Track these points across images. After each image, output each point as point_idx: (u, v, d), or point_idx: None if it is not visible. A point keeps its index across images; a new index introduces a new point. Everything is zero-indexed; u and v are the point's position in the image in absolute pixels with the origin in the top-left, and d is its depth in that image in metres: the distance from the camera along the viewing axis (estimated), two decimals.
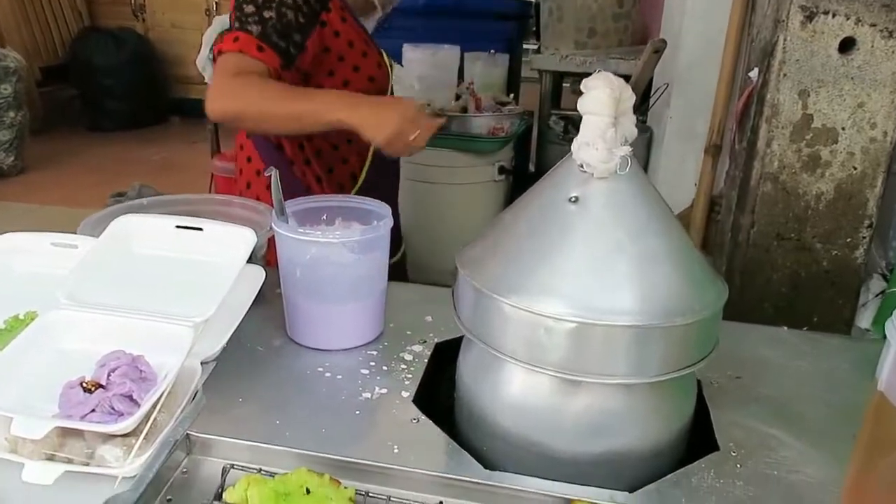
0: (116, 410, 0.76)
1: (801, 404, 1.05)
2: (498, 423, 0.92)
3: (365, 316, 1.14)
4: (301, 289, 1.07)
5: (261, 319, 1.21)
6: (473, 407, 0.95)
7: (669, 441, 0.92)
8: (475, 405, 0.95)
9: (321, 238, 1.03)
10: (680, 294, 0.84)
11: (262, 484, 0.66)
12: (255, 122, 1.33)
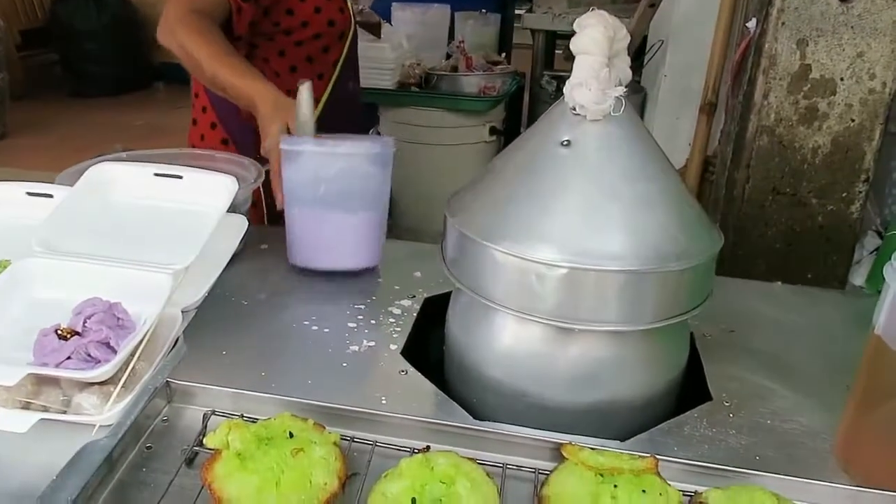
0: (93, 357, 0.73)
1: (794, 356, 1.04)
2: (488, 374, 0.90)
3: (377, 230, 1.18)
4: (324, 204, 1.10)
5: (245, 274, 1.19)
6: (463, 359, 0.93)
7: (662, 391, 0.91)
8: (465, 357, 0.93)
9: (352, 150, 1.08)
10: (674, 239, 0.82)
11: (244, 429, 0.64)
12: (189, 69, 1.32)
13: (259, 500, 0.60)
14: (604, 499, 0.62)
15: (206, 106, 1.58)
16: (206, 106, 1.58)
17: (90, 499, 0.64)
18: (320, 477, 0.62)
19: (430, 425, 0.72)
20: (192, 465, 0.69)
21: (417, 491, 0.61)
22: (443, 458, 0.64)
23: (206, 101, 1.58)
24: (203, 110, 1.59)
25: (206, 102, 1.58)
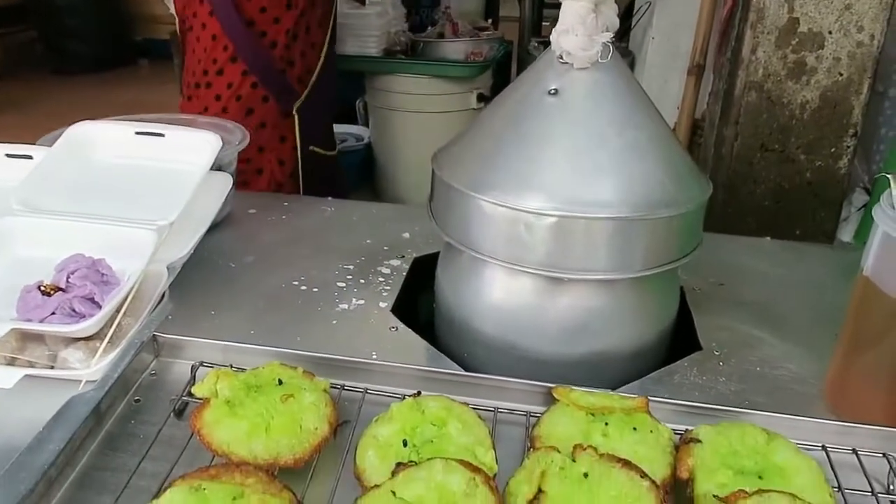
0: (78, 312, 0.72)
1: (783, 307, 1.05)
2: (478, 328, 0.90)
3: None
4: None
5: (233, 238, 1.18)
6: (453, 314, 0.93)
7: (652, 342, 0.91)
8: (455, 312, 0.93)
9: None
10: (663, 186, 0.81)
11: (232, 377, 0.64)
12: None
13: (248, 446, 0.59)
14: (595, 436, 0.62)
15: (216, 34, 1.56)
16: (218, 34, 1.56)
17: (78, 450, 0.63)
18: (311, 422, 0.62)
19: (421, 373, 0.72)
20: (181, 416, 0.69)
21: (408, 433, 0.61)
22: (434, 401, 0.64)
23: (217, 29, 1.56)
24: (213, 38, 1.56)
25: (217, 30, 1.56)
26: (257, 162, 1.60)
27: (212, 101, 1.56)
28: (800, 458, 0.60)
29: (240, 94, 1.54)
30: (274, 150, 1.61)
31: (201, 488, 0.54)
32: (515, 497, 0.57)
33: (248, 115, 1.56)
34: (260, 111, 1.57)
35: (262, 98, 1.57)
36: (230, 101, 1.55)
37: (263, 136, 1.59)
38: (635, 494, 0.55)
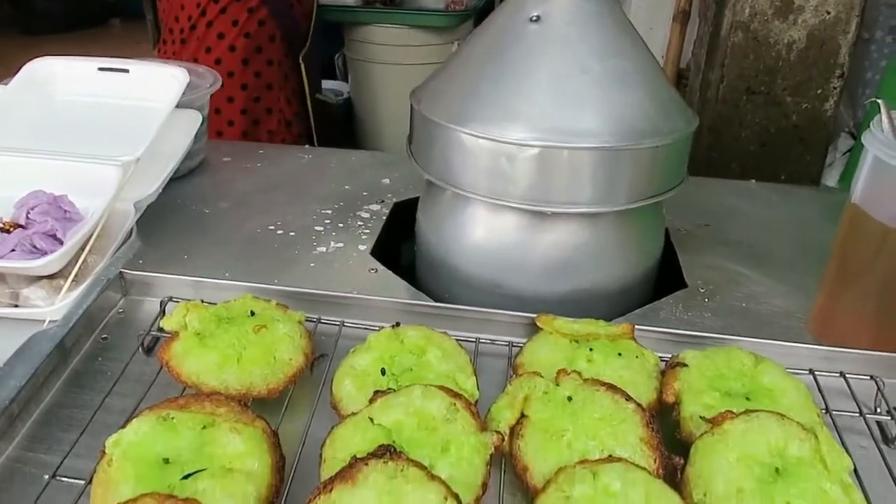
0: (39, 249, 0.69)
1: (769, 246, 1.03)
2: (461, 268, 0.87)
3: None
4: None
5: (206, 185, 1.14)
6: (434, 255, 0.91)
7: (637, 280, 0.89)
8: (436, 253, 0.90)
9: None
10: (648, 116, 0.79)
11: (202, 309, 0.61)
12: None
13: (219, 376, 0.57)
14: (579, 362, 0.60)
15: None
16: None
17: (42, 387, 0.61)
18: (285, 353, 0.60)
19: (400, 306, 0.70)
20: (150, 353, 0.66)
21: (386, 362, 0.59)
22: (413, 330, 0.62)
23: None
24: None
25: None
26: (266, 100, 1.61)
27: (214, 40, 1.52)
28: (787, 380, 0.59)
29: (248, 31, 1.53)
30: (282, 88, 1.62)
31: (170, 417, 0.52)
32: (498, 423, 0.55)
33: (257, 53, 1.56)
34: (267, 49, 1.58)
35: (270, 37, 1.57)
36: (237, 38, 1.53)
37: (271, 74, 1.60)
38: (620, 417, 0.54)
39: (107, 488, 0.48)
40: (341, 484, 0.47)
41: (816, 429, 0.53)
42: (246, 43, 1.54)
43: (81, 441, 0.56)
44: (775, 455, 0.51)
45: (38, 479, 0.53)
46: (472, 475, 0.50)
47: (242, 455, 0.50)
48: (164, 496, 0.45)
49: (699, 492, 0.51)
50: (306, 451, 0.55)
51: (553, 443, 0.53)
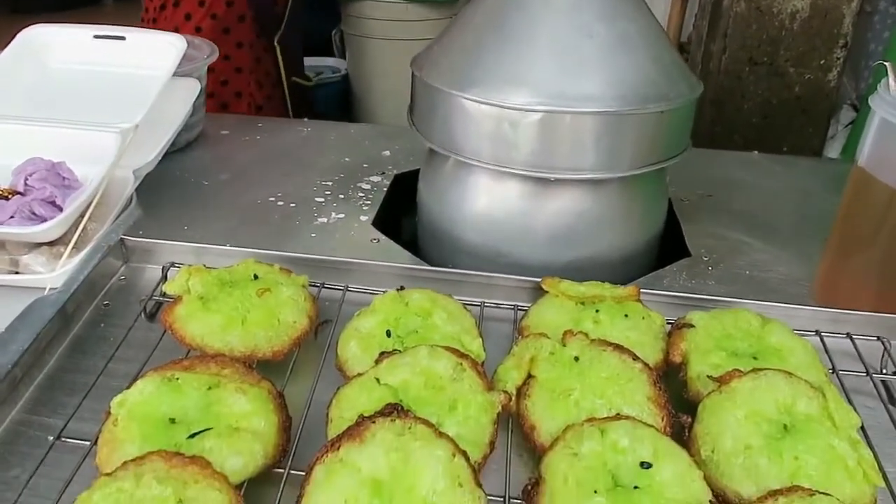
0: (38, 216, 0.68)
1: (772, 216, 1.03)
2: (464, 237, 0.87)
3: None
4: None
5: (206, 158, 1.13)
6: (437, 226, 0.90)
7: (640, 249, 0.89)
8: (438, 223, 0.89)
9: None
10: (653, 81, 0.78)
11: (205, 273, 0.60)
12: None
13: (224, 338, 0.57)
14: (585, 323, 0.60)
15: None
16: None
17: (44, 353, 0.60)
18: (289, 316, 0.59)
19: (404, 271, 0.69)
20: (153, 319, 0.66)
21: (392, 324, 0.59)
22: (418, 293, 0.62)
23: None
24: None
25: None
26: (235, 83, 1.56)
27: (181, 21, 1.50)
28: (795, 340, 0.59)
29: (214, 12, 1.49)
30: (252, 71, 1.57)
31: (174, 378, 0.51)
32: (504, 383, 0.55)
33: (224, 34, 1.51)
34: (236, 31, 1.53)
35: (239, 17, 1.53)
36: (204, 19, 1.49)
37: (241, 56, 1.55)
38: (628, 376, 0.54)
39: (113, 447, 0.47)
40: (349, 442, 0.47)
41: (824, 387, 0.53)
42: (213, 24, 1.50)
43: (85, 405, 0.55)
44: (783, 412, 0.51)
45: (42, 441, 0.53)
46: (479, 433, 0.50)
47: (249, 414, 0.50)
48: (171, 454, 0.45)
49: (707, 448, 0.50)
50: (312, 413, 0.55)
51: (560, 402, 0.52)
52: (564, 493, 0.46)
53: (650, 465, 0.47)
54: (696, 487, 0.47)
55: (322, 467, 0.46)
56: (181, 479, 0.44)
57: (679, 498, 0.45)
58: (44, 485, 0.50)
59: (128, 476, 0.44)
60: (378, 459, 0.45)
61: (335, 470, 0.45)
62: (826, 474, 0.47)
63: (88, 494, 0.43)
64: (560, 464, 0.47)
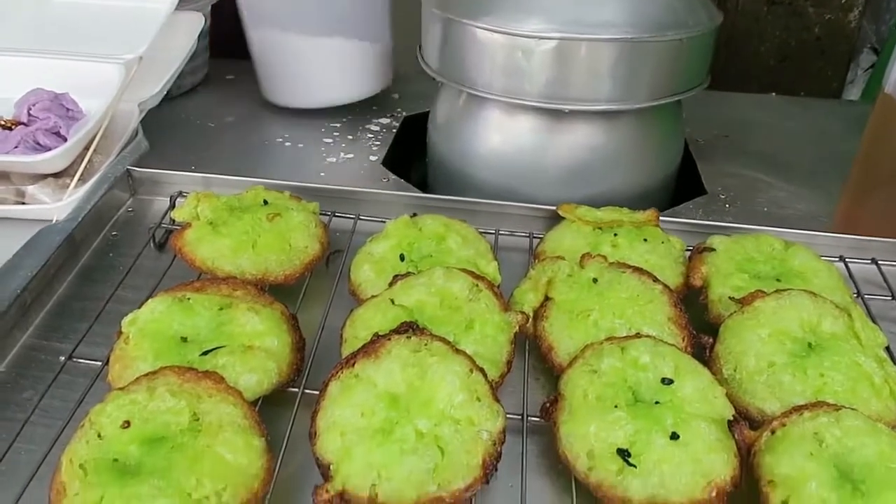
0: (43, 146, 0.67)
1: (789, 156, 1.01)
2: (475, 176, 0.85)
3: None
4: None
5: (211, 102, 1.11)
6: (448, 165, 0.88)
7: (655, 187, 0.87)
8: (450, 163, 0.87)
9: None
10: (672, 7, 0.75)
11: (214, 199, 0.59)
12: None
13: (234, 261, 0.56)
14: (603, 247, 0.59)
15: None
16: None
17: (54, 279, 0.60)
18: (300, 240, 0.58)
19: (416, 200, 0.68)
20: (162, 249, 0.65)
21: (405, 248, 0.57)
22: (431, 219, 0.60)
23: None
24: None
25: None
26: (240, 27, 1.51)
27: None
28: (819, 262, 0.57)
29: None
30: None
31: (186, 298, 0.50)
32: (521, 306, 0.54)
33: None
34: None
35: None
36: None
37: None
38: (648, 297, 0.52)
39: (125, 364, 0.47)
40: (364, 358, 0.46)
41: (850, 307, 0.52)
42: None
43: (96, 329, 0.55)
44: (808, 331, 0.50)
45: (54, 363, 0.53)
46: (496, 352, 0.49)
47: (262, 334, 0.49)
48: (184, 369, 0.44)
49: (729, 367, 0.49)
50: (325, 337, 0.54)
51: (579, 322, 0.51)
52: (584, 409, 0.45)
53: (671, 382, 0.46)
54: (718, 403, 0.46)
55: (337, 383, 0.45)
56: (195, 392, 0.43)
57: (701, 413, 0.44)
58: (57, 406, 0.50)
59: (140, 389, 0.43)
60: (394, 374, 0.44)
61: (350, 385, 0.45)
62: (851, 391, 0.46)
63: (101, 406, 0.42)
64: (579, 380, 0.46)
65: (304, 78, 0.99)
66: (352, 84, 1.02)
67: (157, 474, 0.39)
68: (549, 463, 0.49)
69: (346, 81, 1.01)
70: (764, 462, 0.42)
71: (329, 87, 1.01)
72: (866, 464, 0.41)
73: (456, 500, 0.41)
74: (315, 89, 1.00)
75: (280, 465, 0.45)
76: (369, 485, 0.41)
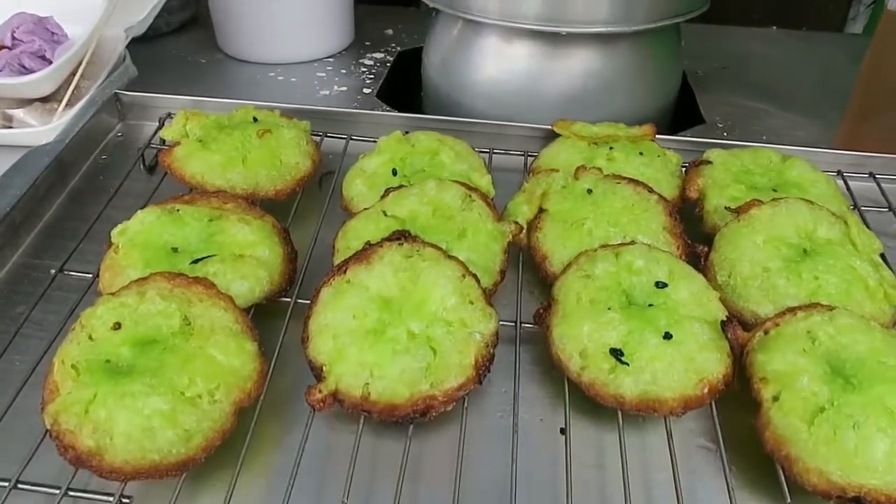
0: (28, 69, 0.66)
1: (789, 87, 0.99)
2: (471, 107, 0.83)
3: None
4: None
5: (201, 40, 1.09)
6: (443, 97, 0.86)
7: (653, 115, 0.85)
8: (445, 95, 0.86)
9: None
10: None
11: (203, 117, 0.58)
12: None
13: (224, 175, 0.55)
14: (599, 160, 0.58)
15: None
16: None
17: (43, 200, 0.59)
18: (291, 157, 0.57)
19: (409, 120, 0.67)
20: (152, 172, 0.64)
21: (397, 163, 0.57)
22: (423, 135, 0.59)
23: None
24: None
25: None
26: None
27: None
28: (816, 173, 0.57)
29: None
30: None
31: (175, 210, 0.50)
32: (515, 217, 0.53)
33: None
34: None
35: None
36: None
37: None
38: (643, 206, 0.52)
39: (115, 272, 0.47)
40: (356, 265, 0.45)
41: (846, 215, 0.51)
42: None
43: (87, 248, 0.54)
44: (804, 237, 0.49)
45: (45, 279, 0.52)
46: (489, 260, 0.49)
47: (253, 244, 0.48)
48: (175, 274, 0.44)
49: (724, 274, 0.49)
50: (317, 251, 0.54)
51: (573, 231, 0.51)
52: (577, 312, 0.45)
53: (665, 285, 0.46)
54: (712, 306, 0.45)
55: (329, 289, 0.45)
56: (185, 297, 0.43)
57: (695, 315, 0.44)
58: (50, 320, 0.50)
59: (131, 293, 0.43)
60: (386, 278, 0.44)
61: (343, 290, 0.44)
62: (846, 293, 0.46)
63: (92, 310, 0.42)
64: (573, 284, 0.46)
65: (260, 33, 0.96)
66: (309, 42, 1.00)
67: (149, 373, 0.39)
68: (542, 370, 0.49)
69: (304, 39, 0.99)
70: (756, 360, 0.42)
71: (285, 44, 0.98)
72: (858, 359, 0.41)
73: (449, 398, 0.42)
74: (270, 45, 0.97)
75: (273, 371, 0.45)
76: (362, 384, 0.41)
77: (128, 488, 0.39)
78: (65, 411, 0.38)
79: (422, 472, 0.43)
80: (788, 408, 0.39)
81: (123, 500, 0.39)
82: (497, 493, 0.42)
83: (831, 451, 0.38)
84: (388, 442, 0.44)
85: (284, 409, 0.46)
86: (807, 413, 0.39)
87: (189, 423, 0.39)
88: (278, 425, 0.45)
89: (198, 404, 0.39)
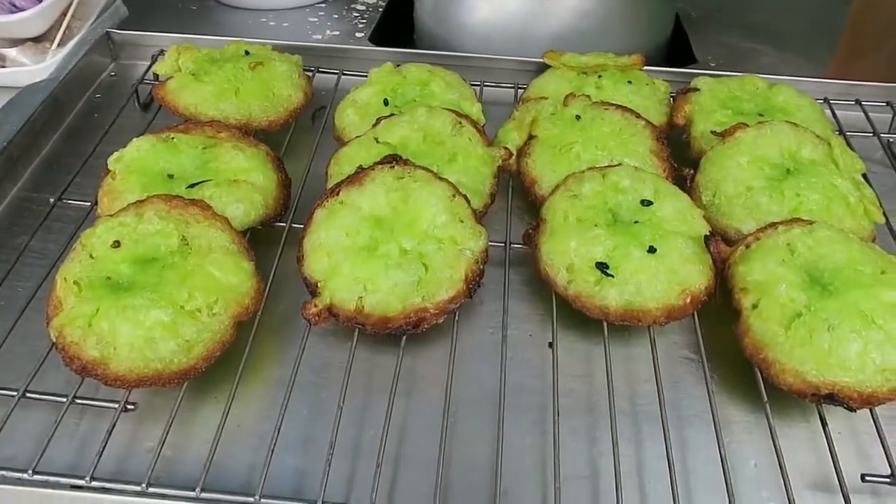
0: (19, 7, 0.66)
1: (783, 27, 0.98)
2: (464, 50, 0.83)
3: None
4: None
5: None
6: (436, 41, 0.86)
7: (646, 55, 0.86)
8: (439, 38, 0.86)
9: None
10: None
11: (195, 51, 0.59)
12: None
13: (217, 106, 0.56)
14: (588, 89, 0.59)
15: None
16: None
17: (39, 137, 0.60)
18: (283, 89, 0.58)
19: (400, 55, 0.67)
20: (146, 109, 0.64)
21: (389, 94, 0.57)
22: (415, 66, 0.60)
23: None
24: None
25: None
26: None
27: None
28: (802, 98, 0.57)
29: None
30: None
31: (170, 138, 0.51)
32: (505, 144, 0.54)
33: None
34: None
35: None
36: None
37: None
38: (630, 131, 0.53)
39: (113, 197, 0.48)
40: (348, 187, 0.46)
41: (830, 137, 0.52)
42: None
43: (84, 182, 0.55)
44: (787, 157, 0.50)
45: (44, 210, 0.53)
46: (479, 182, 0.50)
47: (247, 170, 0.49)
48: (172, 196, 0.45)
49: (709, 194, 0.50)
50: (310, 180, 0.55)
51: (562, 155, 0.52)
52: (564, 229, 0.46)
53: (651, 203, 0.47)
54: (696, 223, 0.47)
55: (322, 210, 0.46)
56: (182, 218, 0.44)
57: (679, 230, 0.45)
58: (51, 248, 0.51)
59: (129, 214, 0.44)
60: (378, 198, 0.45)
61: (336, 210, 0.45)
62: (826, 209, 0.47)
63: (92, 230, 0.43)
64: (560, 204, 0.47)
65: None
66: None
67: (149, 288, 0.41)
68: (531, 290, 0.50)
69: None
70: (738, 272, 0.44)
71: None
72: (835, 268, 0.42)
73: (440, 310, 0.43)
74: None
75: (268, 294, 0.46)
76: (356, 297, 0.43)
77: (132, 396, 0.41)
78: (69, 324, 0.40)
79: (415, 383, 0.45)
80: (767, 314, 0.41)
81: (128, 405, 0.40)
82: (487, 402, 0.43)
83: (807, 353, 0.39)
84: (381, 357, 0.46)
85: (281, 328, 0.47)
86: (784, 318, 0.40)
87: (189, 334, 0.40)
88: (275, 343, 0.47)
89: (197, 317, 0.41)
